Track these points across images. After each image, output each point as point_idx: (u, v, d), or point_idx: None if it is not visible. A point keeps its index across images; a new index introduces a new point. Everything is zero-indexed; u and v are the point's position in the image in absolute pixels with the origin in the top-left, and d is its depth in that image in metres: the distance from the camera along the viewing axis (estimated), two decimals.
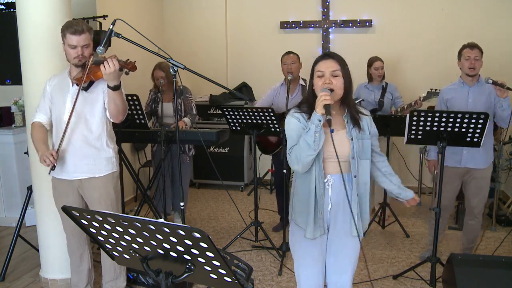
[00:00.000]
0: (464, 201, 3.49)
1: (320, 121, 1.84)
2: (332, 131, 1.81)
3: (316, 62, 2.00)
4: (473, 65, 3.13)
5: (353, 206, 1.99)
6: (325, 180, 2.00)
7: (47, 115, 2.61)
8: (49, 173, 2.52)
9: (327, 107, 1.83)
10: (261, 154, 5.30)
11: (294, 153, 1.96)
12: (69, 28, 2.44)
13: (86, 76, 2.46)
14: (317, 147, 1.88)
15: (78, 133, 2.56)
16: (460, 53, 3.24)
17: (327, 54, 2.00)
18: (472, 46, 3.17)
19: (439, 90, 3.81)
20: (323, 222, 2.02)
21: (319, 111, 1.84)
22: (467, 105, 3.20)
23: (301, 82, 3.98)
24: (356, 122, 2.00)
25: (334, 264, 2.12)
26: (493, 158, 3.28)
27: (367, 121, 2.05)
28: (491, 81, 2.95)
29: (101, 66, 2.32)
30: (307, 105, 2.01)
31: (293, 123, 2.01)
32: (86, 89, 2.55)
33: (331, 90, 1.90)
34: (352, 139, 1.98)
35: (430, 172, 3.63)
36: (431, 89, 3.96)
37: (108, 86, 2.40)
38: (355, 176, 1.99)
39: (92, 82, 2.55)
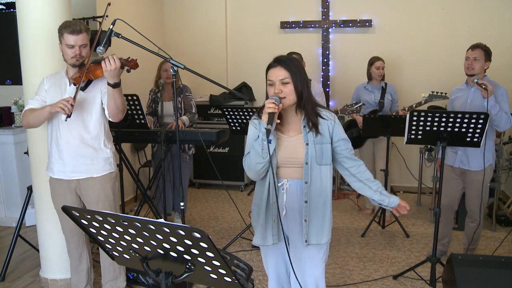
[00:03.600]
0: (463, 202, 3.49)
1: (266, 129, 1.81)
2: (269, 141, 1.83)
3: (267, 70, 1.95)
4: (471, 65, 3.17)
5: (301, 212, 1.97)
6: (280, 184, 1.98)
7: (41, 106, 2.56)
8: (65, 120, 2.39)
9: (270, 116, 1.81)
10: None
11: (247, 160, 1.96)
12: (66, 27, 2.44)
13: (84, 75, 2.46)
14: (265, 155, 1.86)
15: (75, 133, 2.55)
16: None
17: (276, 60, 1.93)
18: (474, 46, 3.20)
19: (440, 93, 3.83)
20: (276, 230, 1.98)
21: (264, 119, 1.83)
22: (466, 105, 3.23)
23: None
24: (314, 126, 1.93)
25: (298, 275, 2.05)
26: (492, 161, 3.25)
27: (328, 125, 1.96)
28: (476, 80, 3.01)
29: (102, 63, 2.32)
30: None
31: (251, 129, 2.01)
32: (83, 88, 2.54)
33: (281, 98, 1.87)
34: (307, 144, 1.93)
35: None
36: (432, 92, 3.96)
37: (109, 84, 2.39)
38: (306, 182, 1.94)
39: (90, 82, 2.55)
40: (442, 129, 2.83)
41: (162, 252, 1.41)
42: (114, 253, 1.61)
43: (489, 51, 3.18)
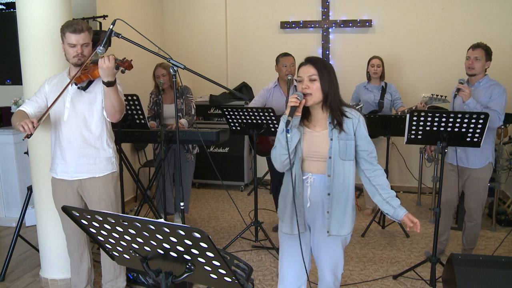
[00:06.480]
0: (463, 201, 3.49)
1: (287, 122, 1.93)
2: (288, 131, 1.95)
3: (298, 67, 2.10)
4: (471, 65, 3.17)
5: (324, 205, 2.07)
6: (304, 177, 2.08)
7: (34, 109, 2.57)
8: (23, 139, 2.40)
9: (292, 109, 1.94)
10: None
11: (273, 152, 2.10)
12: (68, 27, 2.45)
13: (83, 75, 2.47)
14: (288, 147, 1.98)
15: (78, 133, 2.56)
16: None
17: (307, 59, 2.07)
18: (474, 46, 3.20)
19: (441, 96, 3.83)
20: (302, 220, 2.10)
21: (286, 112, 1.96)
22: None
23: (295, 83, 3.97)
24: (338, 124, 2.04)
25: (317, 263, 2.21)
26: (491, 159, 3.24)
27: (352, 123, 2.06)
28: (461, 83, 3.08)
29: (99, 60, 2.33)
30: None
31: (281, 124, 2.11)
32: (85, 88, 2.55)
33: (306, 94, 2.00)
34: (331, 139, 2.04)
35: (428, 154, 3.69)
36: (432, 95, 3.96)
37: (103, 82, 2.40)
38: (329, 175, 2.04)
39: (91, 82, 2.55)
40: (442, 129, 2.83)
41: (162, 252, 1.41)
42: (114, 253, 1.61)
43: (490, 50, 3.18)
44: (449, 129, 2.82)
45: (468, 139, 2.85)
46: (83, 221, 1.47)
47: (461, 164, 3.26)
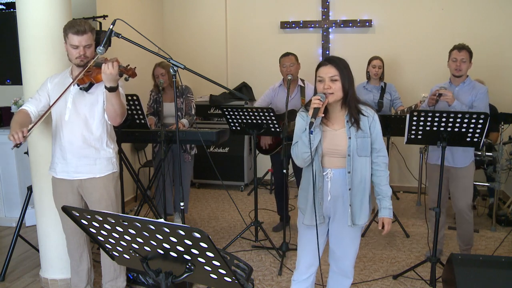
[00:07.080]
0: None
1: (311, 123, 2.02)
2: (311, 132, 2.04)
3: (317, 68, 2.17)
4: (459, 67, 3.20)
5: (345, 199, 2.19)
6: (325, 173, 2.19)
7: (38, 107, 2.56)
8: (12, 148, 2.35)
9: (315, 111, 2.03)
10: (258, 154, 5.32)
11: (295, 149, 2.20)
12: (71, 28, 2.43)
13: (86, 77, 2.46)
14: (311, 146, 2.08)
15: (78, 134, 2.55)
16: (449, 54, 3.30)
17: (327, 59, 2.15)
18: (460, 48, 3.22)
19: None
20: (322, 212, 2.22)
21: (309, 113, 2.06)
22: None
23: (300, 83, 3.98)
24: (355, 122, 2.13)
25: (336, 251, 2.33)
26: (473, 157, 3.30)
27: (367, 121, 2.17)
28: (441, 89, 3.10)
29: (102, 65, 2.32)
30: None
31: (298, 121, 2.23)
32: (87, 89, 2.55)
33: (326, 94, 2.08)
34: (350, 138, 2.13)
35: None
36: None
37: (105, 86, 2.39)
38: (349, 172, 2.16)
39: (93, 83, 2.55)
40: (442, 129, 2.83)
41: (162, 252, 1.41)
42: (114, 253, 1.61)
43: (472, 52, 3.23)
44: (449, 129, 2.82)
45: (468, 139, 2.85)
46: (83, 221, 1.47)
47: (446, 163, 3.25)
